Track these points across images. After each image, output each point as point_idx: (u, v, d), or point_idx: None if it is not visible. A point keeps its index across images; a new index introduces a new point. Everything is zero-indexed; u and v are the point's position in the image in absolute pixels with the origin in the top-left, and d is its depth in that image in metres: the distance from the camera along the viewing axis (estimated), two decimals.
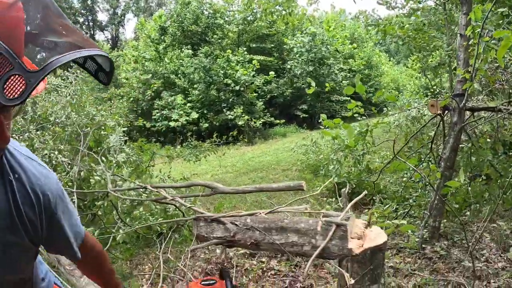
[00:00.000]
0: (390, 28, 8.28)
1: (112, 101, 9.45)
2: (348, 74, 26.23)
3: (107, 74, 0.96)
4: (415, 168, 3.87)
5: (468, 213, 4.72)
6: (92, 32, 42.27)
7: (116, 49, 34.52)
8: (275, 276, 3.64)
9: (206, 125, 22.22)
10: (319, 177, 7.94)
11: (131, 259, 4.62)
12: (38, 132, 5.93)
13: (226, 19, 26.53)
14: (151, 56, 25.35)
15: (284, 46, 26.28)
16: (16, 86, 0.72)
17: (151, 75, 24.00)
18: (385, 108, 9.96)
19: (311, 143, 9.09)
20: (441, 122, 4.11)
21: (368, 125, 5.56)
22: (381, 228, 2.22)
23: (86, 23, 42.01)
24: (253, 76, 22.68)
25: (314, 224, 2.00)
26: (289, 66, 25.13)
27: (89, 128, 6.31)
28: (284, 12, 6.82)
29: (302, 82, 24.26)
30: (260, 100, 23.48)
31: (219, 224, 2.55)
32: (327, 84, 5.29)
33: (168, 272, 3.82)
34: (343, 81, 24.69)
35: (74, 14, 38.49)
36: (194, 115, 22.47)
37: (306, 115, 25.00)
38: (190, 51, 24.20)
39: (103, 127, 6.55)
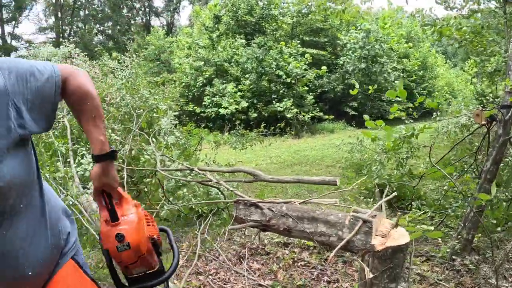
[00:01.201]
0: (446, 30, 7.96)
1: (165, 86, 9.84)
2: (402, 74, 25.47)
3: None
4: (449, 176, 3.81)
5: (505, 230, 4.56)
6: (148, 18, 43.61)
7: (170, 35, 35.41)
8: (304, 267, 3.75)
9: (255, 115, 22.47)
10: (361, 176, 7.92)
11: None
12: None
13: (281, 10, 26.49)
14: (205, 44, 25.85)
15: (338, 41, 25.90)
16: None
17: (203, 62, 24.51)
18: (434, 113, 9.65)
19: (357, 142, 9.03)
20: (487, 133, 4.01)
21: (414, 129, 5.49)
22: (410, 231, 2.28)
23: (143, 9, 43.35)
24: (305, 69, 22.62)
25: (343, 218, 2.11)
26: (341, 62, 24.77)
27: (142, 110, 6.65)
28: (338, 7, 6.79)
29: (354, 79, 23.90)
30: (310, 94, 23.40)
31: (257, 209, 2.73)
32: (370, 87, 5.21)
33: (203, 251, 4.05)
34: (396, 81, 24.06)
35: None
36: (244, 104, 22.78)
37: (356, 113, 24.62)
38: (243, 40, 24.46)
39: (155, 110, 6.86)
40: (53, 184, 4.41)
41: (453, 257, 3.89)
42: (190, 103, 24.80)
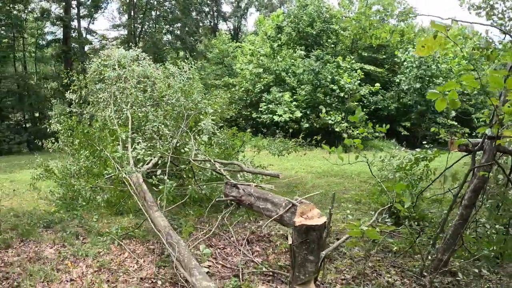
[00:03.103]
0: (495, 55, 8.03)
1: (218, 92, 10.93)
2: (460, 96, 24.90)
3: None
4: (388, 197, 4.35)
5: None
6: (215, 22, 45.56)
7: (235, 40, 36.88)
8: None
9: (307, 125, 23.16)
10: (385, 192, 8.46)
11: (199, 218, 5.91)
12: (152, 108, 7.54)
13: (341, 24, 26.98)
14: (266, 52, 26.95)
15: (396, 59, 25.89)
16: None
17: (262, 69, 25.61)
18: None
19: (387, 160, 9.51)
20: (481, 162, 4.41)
21: (427, 153, 6.05)
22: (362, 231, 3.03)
23: (211, 13, 45.28)
24: (359, 85, 23.00)
25: (282, 201, 2.95)
26: (397, 80, 24.78)
27: (192, 112, 7.73)
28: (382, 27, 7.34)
29: (409, 99, 23.85)
30: (364, 110, 23.63)
31: (236, 189, 3.73)
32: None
33: (219, 231, 5.00)
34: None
35: (200, 3, 41.73)
36: (298, 113, 23.60)
37: (408, 133, 24.51)
38: (303, 52, 25.21)
39: (203, 113, 7.91)
40: (112, 162, 5.59)
41: (424, 273, 4.28)
42: (247, 107, 26.12)
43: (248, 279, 3.80)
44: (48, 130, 8.49)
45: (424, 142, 6.35)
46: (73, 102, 8.96)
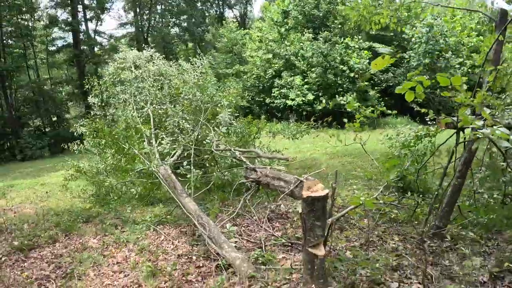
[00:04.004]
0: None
1: (231, 82, 11.43)
2: (470, 70, 24.77)
3: None
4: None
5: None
6: (221, 10, 45.53)
7: (242, 28, 37.02)
8: None
9: (320, 107, 23.47)
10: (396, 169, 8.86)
11: (223, 202, 6.51)
12: (171, 105, 8.10)
13: (347, 4, 26.90)
14: (274, 38, 27.20)
15: (404, 35, 25.81)
16: None
17: (272, 55, 25.93)
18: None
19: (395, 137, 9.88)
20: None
21: (429, 130, 6.46)
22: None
23: (216, 1, 45.34)
24: (369, 63, 23.13)
25: (292, 178, 3.50)
26: (407, 57, 24.81)
27: (209, 105, 8.26)
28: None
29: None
30: (375, 88, 23.81)
31: (255, 172, 4.29)
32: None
33: (242, 212, 5.60)
34: (463, 78, 23.63)
35: None
36: (310, 96, 23.92)
37: (421, 109, 24.56)
38: (310, 35, 25.36)
39: (219, 105, 8.44)
40: (140, 157, 6.20)
41: (424, 239, 4.59)
42: (260, 93, 26.57)
43: (270, 250, 4.40)
44: (75, 133, 9.09)
45: (427, 119, 6.74)
46: (95, 105, 9.54)
